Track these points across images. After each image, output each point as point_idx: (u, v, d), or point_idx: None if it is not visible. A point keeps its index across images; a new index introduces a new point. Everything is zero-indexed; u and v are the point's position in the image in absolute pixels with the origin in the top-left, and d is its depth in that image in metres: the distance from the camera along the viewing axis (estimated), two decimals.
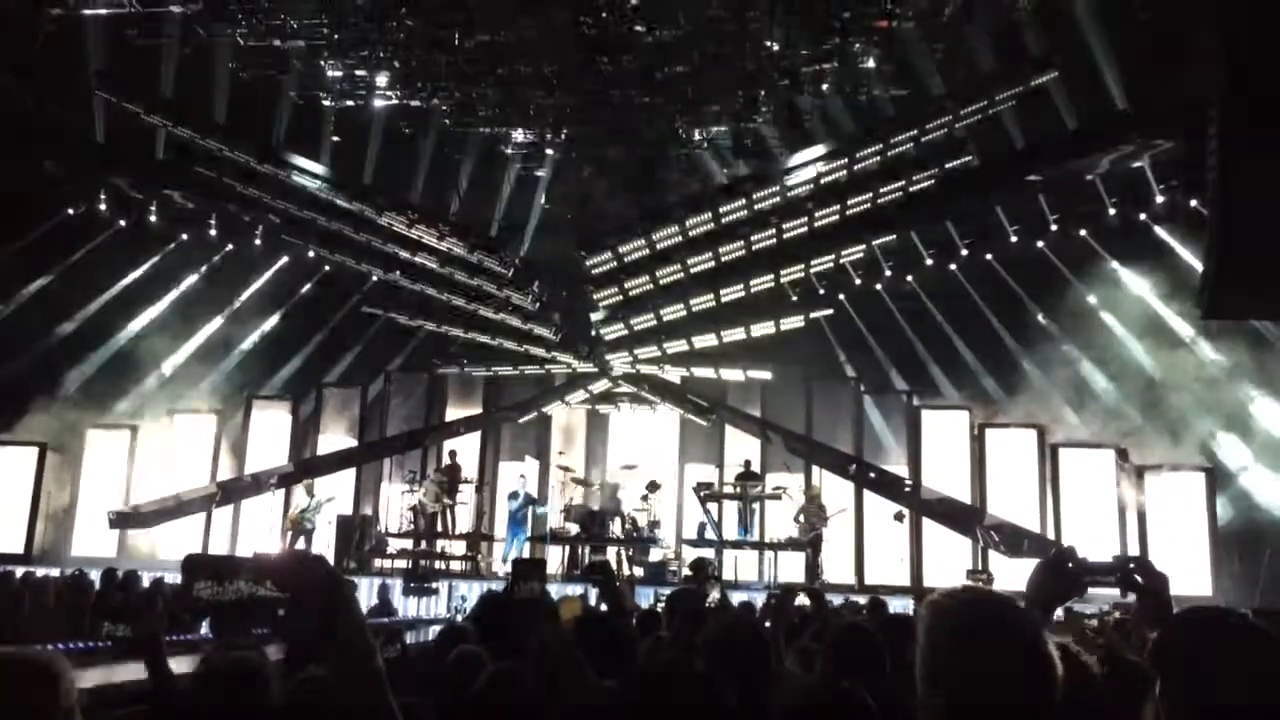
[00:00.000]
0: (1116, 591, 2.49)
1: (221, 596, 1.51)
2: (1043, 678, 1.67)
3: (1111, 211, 17.27)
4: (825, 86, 17.22)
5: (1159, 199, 16.68)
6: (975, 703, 1.65)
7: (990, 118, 15.75)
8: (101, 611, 8.73)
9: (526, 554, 16.25)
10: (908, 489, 16.83)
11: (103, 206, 19.22)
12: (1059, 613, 3.65)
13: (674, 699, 1.60)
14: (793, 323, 17.59)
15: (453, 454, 17.77)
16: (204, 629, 6.86)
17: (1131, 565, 2.43)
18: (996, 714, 1.65)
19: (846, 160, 16.03)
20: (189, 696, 2.53)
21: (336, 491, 17.77)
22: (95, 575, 11.56)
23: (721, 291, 17.13)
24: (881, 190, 16.27)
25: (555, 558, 16.45)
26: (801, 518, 16.02)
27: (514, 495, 17.29)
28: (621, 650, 3.88)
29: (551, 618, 3.34)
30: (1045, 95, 15.53)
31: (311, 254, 19.54)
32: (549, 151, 19.39)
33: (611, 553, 16.23)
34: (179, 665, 3.19)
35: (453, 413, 19.47)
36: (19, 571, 12.09)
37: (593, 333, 17.81)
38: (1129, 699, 2.39)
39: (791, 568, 16.06)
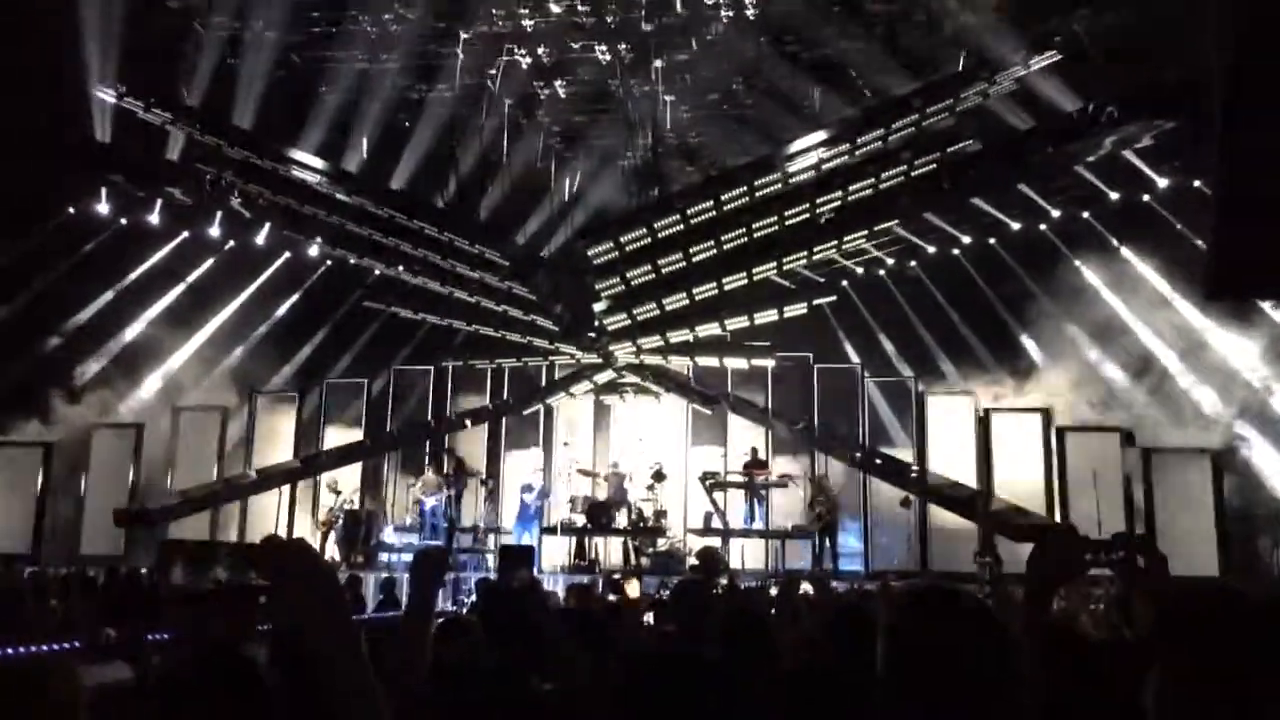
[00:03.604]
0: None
1: (200, 584, 1.49)
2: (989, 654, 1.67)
3: (1115, 195, 17.16)
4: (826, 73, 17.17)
5: (1161, 180, 16.57)
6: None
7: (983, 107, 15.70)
8: (104, 609, 8.73)
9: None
10: (914, 474, 16.78)
11: (104, 205, 19.17)
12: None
13: (660, 680, 1.57)
14: (796, 310, 17.45)
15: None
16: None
17: (1131, 544, 2.43)
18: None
19: (848, 146, 15.94)
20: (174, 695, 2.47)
21: (341, 487, 17.73)
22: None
23: (724, 280, 17.05)
24: (883, 176, 16.18)
25: (562, 549, 16.48)
26: (816, 508, 15.85)
27: (528, 488, 17.28)
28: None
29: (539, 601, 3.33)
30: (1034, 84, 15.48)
31: (314, 250, 19.49)
32: (549, 141, 19.32)
33: (617, 543, 16.26)
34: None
35: (457, 406, 19.45)
36: (25, 571, 12.12)
37: (596, 323, 17.74)
38: (1133, 677, 2.38)
39: (799, 556, 16.04)
